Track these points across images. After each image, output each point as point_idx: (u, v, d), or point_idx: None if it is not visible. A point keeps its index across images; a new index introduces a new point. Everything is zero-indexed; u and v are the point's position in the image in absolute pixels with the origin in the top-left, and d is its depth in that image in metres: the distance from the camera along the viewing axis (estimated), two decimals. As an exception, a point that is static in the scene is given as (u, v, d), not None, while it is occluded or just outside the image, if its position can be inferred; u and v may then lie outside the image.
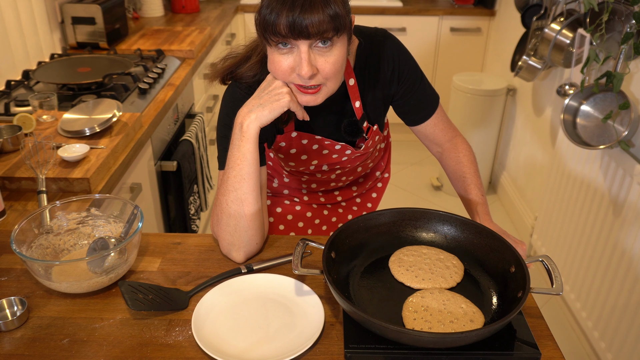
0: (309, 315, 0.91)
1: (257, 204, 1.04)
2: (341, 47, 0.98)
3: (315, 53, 0.96)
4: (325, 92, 1.02)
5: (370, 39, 1.15)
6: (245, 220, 1.02)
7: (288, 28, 0.91)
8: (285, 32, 0.92)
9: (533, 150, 2.66)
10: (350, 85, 1.14)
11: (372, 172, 1.45)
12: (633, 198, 1.70)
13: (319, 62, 0.96)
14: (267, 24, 0.92)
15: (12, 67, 1.97)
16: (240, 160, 1.01)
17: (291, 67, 0.97)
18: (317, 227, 1.42)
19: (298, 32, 0.91)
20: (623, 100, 1.73)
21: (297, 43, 0.94)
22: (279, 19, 0.91)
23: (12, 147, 1.41)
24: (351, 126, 1.18)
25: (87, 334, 0.89)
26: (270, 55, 0.99)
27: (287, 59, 0.97)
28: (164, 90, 1.94)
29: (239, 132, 1.01)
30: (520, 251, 0.99)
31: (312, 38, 0.93)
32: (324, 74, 0.98)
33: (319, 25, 0.91)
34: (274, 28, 0.92)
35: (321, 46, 0.95)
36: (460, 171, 1.24)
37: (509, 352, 0.83)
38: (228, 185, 1.03)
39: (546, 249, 2.32)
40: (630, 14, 1.73)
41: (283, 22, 0.91)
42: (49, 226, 1.05)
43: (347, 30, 0.97)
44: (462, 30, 3.29)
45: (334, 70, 0.98)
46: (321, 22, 0.91)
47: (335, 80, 1.01)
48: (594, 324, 1.93)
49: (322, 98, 1.03)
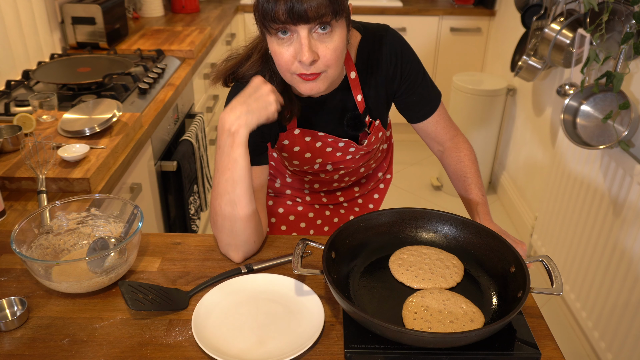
0: (309, 315, 0.91)
1: (251, 205, 1.03)
2: (340, 33, 0.98)
3: (315, 39, 0.96)
4: (325, 78, 1.02)
5: (372, 34, 1.16)
6: (240, 222, 1.02)
7: (287, 13, 0.92)
8: (284, 18, 0.92)
9: (533, 150, 2.66)
10: (352, 79, 1.15)
11: (374, 173, 1.45)
12: (633, 198, 1.70)
13: (319, 49, 0.97)
14: (266, 11, 0.93)
15: (12, 67, 1.97)
16: (231, 165, 1.00)
17: (293, 56, 0.98)
18: (319, 228, 1.42)
19: (297, 17, 0.92)
20: (623, 100, 1.73)
21: (296, 29, 0.95)
22: (277, 6, 0.92)
23: (12, 147, 1.41)
24: (354, 119, 1.18)
25: (87, 334, 0.89)
26: (272, 48, 1.00)
27: (288, 49, 0.97)
28: (164, 90, 1.94)
29: (228, 137, 0.99)
30: (520, 251, 0.99)
31: (312, 22, 0.93)
32: (324, 60, 0.98)
33: (317, 9, 0.92)
34: (273, 14, 0.93)
35: (321, 32, 0.96)
36: (461, 171, 1.24)
37: (509, 352, 0.83)
38: (220, 189, 1.02)
39: (546, 249, 2.32)
40: (630, 14, 1.73)
41: (281, 8, 0.91)
42: (49, 226, 1.05)
43: (345, 14, 0.98)
44: (462, 30, 3.29)
45: (335, 56, 0.99)
46: (320, 5, 0.91)
47: (336, 67, 1.01)
48: (594, 324, 1.93)
49: (324, 85, 1.03)
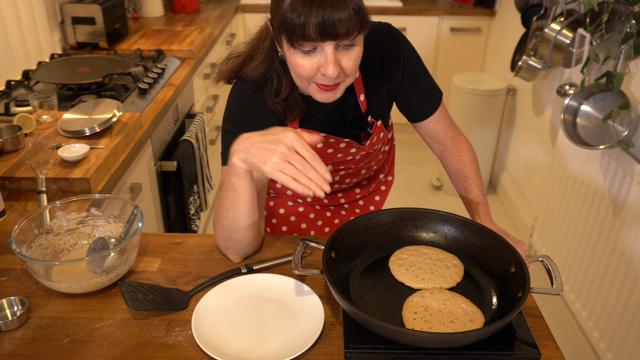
0: (309, 315, 0.91)
1: (252, 218, 1.01)
2: (361, 43, 0.99)
3: (338, 52, 0.96)
4: (343, 87, 1.03)
5: (374, 33, 1.15)
6: (239, 233, 1.01)
7: (317, 30, 0.90)
8: (315, 36, 0.91)
9: (533, 150, 2.66)
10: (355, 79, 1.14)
11: (376, 175, 1.45)
12: (633, 198, 1.70)
13: (342, 61, 0.97)
14: (295, 27, 0.90)
15: (12, 67, 1.97)
16: (231, 187, 0.97)
17: (316, 67, 0.97)
18: (320, 229, 1.42)
19: (328, 34, 0.91)
20: (623, 100, 1.73)
21: (322, 45, 0.94)
22: (308, 20, 0.89)
23: (12, 147, 1.40)
24: (357, 119, 1.18)
25: (87, 334, 0.89)
26: (292, 58, 0.98)
27: (311, 60, 0.96)
28: (164, 90, 1.94)
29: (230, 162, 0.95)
30: (520, 251, 0.99)
31: (340, 39, 0.92)
32: (346, 71, 0.98)
33: (347, 23, 0.90)
34: (303, 31, 0.90)
35: (346, 46, 0.96)
36: (462, 170, 1.24)
37: (509, 352, 0.83)
38: (222, 203, 1.01)
39: (546, 249, 2.32)
40: (630, 14, 1.73)
41: (313, 23, 0.89)
42: (49, 226, 1.05)
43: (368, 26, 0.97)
44: (462, 30, 3.29)
45: (355, 66, 0.99)
46: (349, 19, 0.90)
47: (354, 76, 1.02)
48: (594, 324, 1.93)
49: (341, 94, 1.04)
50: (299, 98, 1.11)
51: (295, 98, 1.11)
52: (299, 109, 1.12)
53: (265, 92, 1.10)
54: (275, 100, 1.10)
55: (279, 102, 1.10)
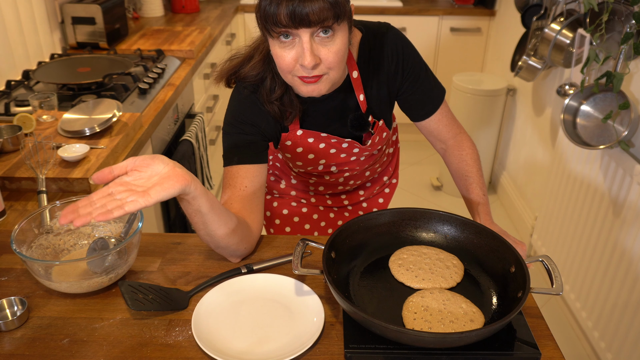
0: (309, 315, 0.91)
1: (228, 225, 0.97)
2: (343, 35, 0.98)
3: (317, 43, 0.96)
4: (327, 80, 1.01)
5: (373, 33, 1.15)
6: (222, 241, 0.99)
7: (289, 17, 0.91)
8: (286, 22, 0.92)
9: (533, 150, 2.66)
10: (354, 78, 1.14)
11: (380, 177, 1.45)
12: (633, 198, 1.70)
13: (321, 52, 0.97)
14: (268, 14, 0.93)
15: (12, 67, 1.97)
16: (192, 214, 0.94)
17: (294, 59, 0.97)
18: (323, 230, 1.42)
19: (299, 21, 0.91)
20: (623, 100, 1.73)
21: (298, 33, 0.94)
22: (279, 9, 0.91)
23: (12, 147, 1.41)
24: (358, 119, 1.18)
25: (87, 334, 0.89)
26: (273, 50, 0.99)
27: (290, 52, 0.97)
28: (164, 90, 1.94)
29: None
30: (520, 251, 0.99)
31: (313, 26, 0.93)
32: (327, 63, 0.98)
33: (319, 13, 0.91)
34: (275, 18, 0.92)
35: (323, 35, 0.95)
36: (464, 170, 1.24)
37: (509, 352, 0.83)
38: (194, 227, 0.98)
39: (546, 249, 2.32)
40: (630, 14, 1.73)
41: (283, 12, 0.91)
42: (49, 226, 1.05)
43: (347, 17, 0.97)
44: (462, 30, 3.29)
45: (337, 59, 0.98)
46: (321, 9, 0.91)
47: (338, 70, 1.01)
48: (594, 324, 1.93)
49: (326, 87, 1.02)
50: (294, 98, 1.11)
51: (290, 98, 1.11)
52: (295, 110, 1.12)
53: (262, 92, 1.10)
54: (270, 100, 1.10)
55: (274, 102, 1.10)
